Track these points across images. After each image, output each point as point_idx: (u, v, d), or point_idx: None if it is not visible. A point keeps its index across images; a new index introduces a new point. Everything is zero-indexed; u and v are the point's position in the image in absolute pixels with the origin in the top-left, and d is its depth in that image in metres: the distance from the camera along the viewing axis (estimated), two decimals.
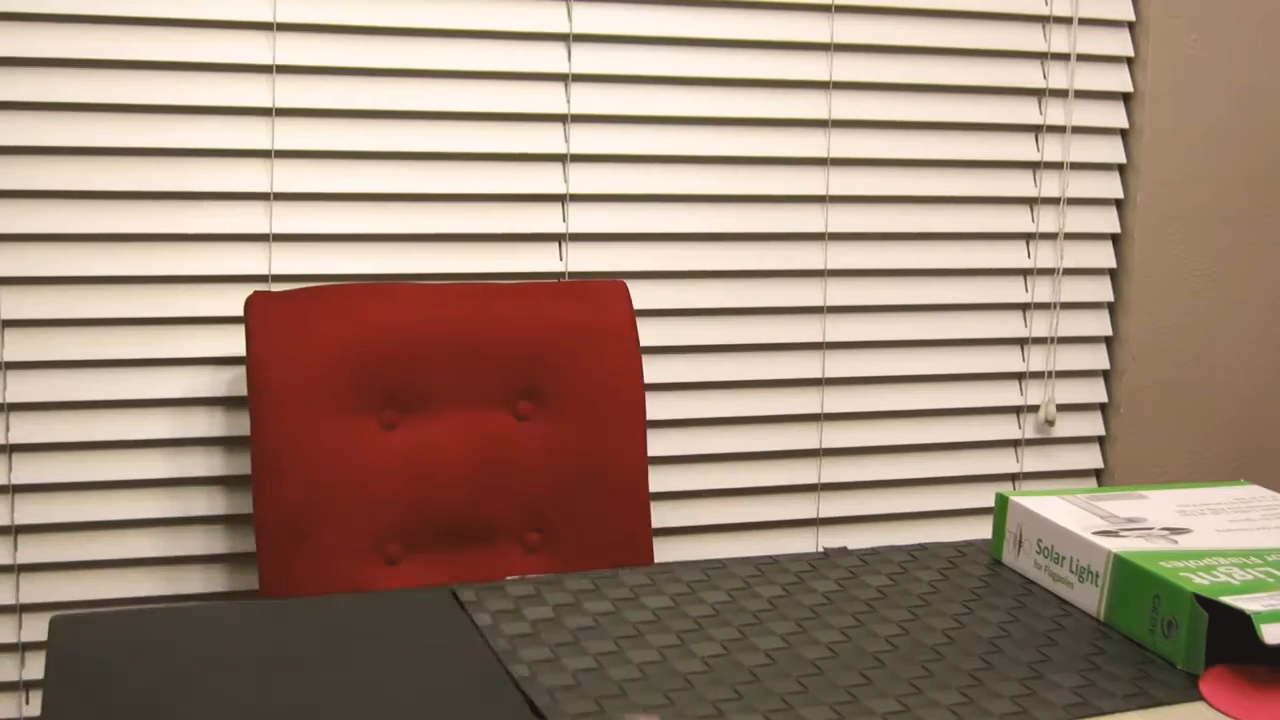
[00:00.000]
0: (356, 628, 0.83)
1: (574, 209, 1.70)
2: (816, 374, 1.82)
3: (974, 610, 0.84)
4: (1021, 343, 1.93)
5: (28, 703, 1.59)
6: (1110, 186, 1.93)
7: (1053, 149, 1.89)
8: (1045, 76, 1.87)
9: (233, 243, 1.59)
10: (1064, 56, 1.88)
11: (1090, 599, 0.84)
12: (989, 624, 0.82)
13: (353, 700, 0.72)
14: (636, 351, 1.53)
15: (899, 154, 1.82)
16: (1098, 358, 1.96)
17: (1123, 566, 0.81)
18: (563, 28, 1.66)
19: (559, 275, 1.70)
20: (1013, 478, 1.95)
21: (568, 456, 1.51)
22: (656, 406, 1.75)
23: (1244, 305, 1.99)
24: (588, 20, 1.67)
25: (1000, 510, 0.93)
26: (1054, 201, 1.90)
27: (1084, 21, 1.88)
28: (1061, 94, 1.88)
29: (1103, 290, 1.95)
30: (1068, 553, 0.86)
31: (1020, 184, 1.89)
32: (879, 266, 1.83)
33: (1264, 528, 0.89)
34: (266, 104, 1.57)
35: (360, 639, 0.81)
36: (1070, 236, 1.92)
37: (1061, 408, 1.95)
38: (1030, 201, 1.90)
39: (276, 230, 1.59)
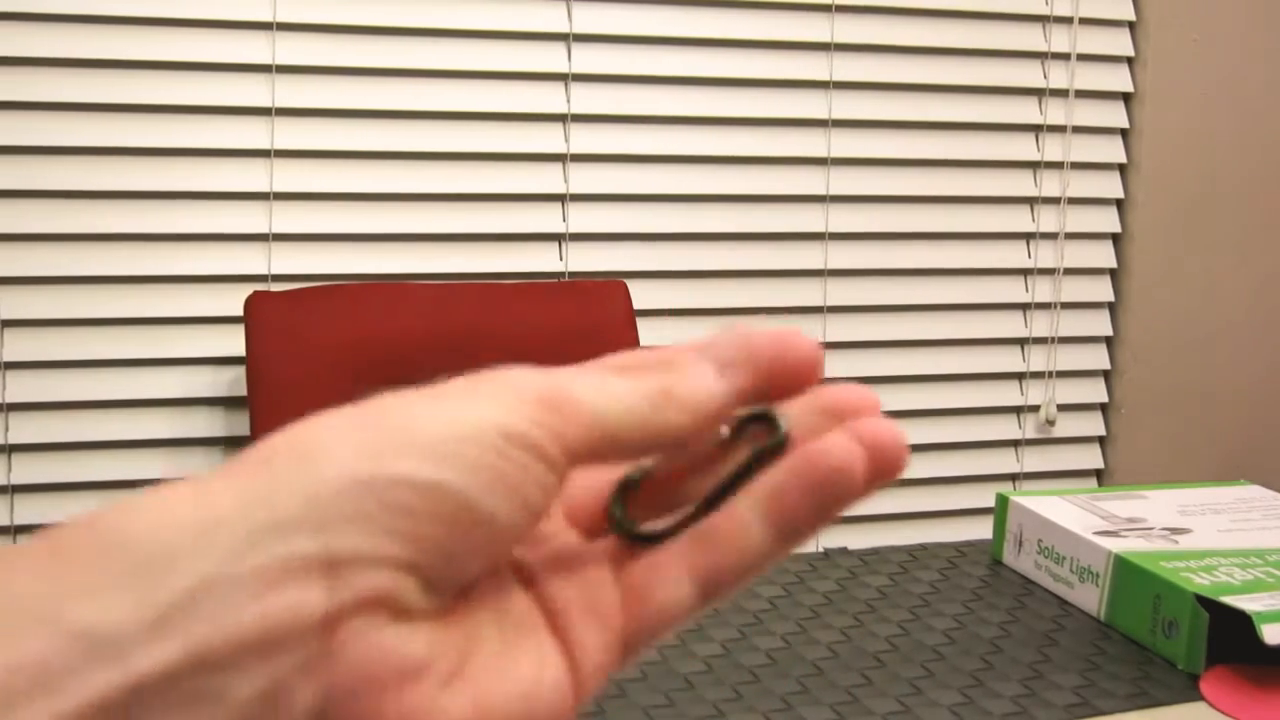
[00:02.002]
0: None
1: (574, 209, 1.70)
2: None
3: (974, 610, 0.84)
4: (1022, 343, 1.92)
5: None
6: (1110, 186, 1.93)
7: (1053, 149, 1.89)
8: (1045, 76, 1.87)
9: (233, 243, 1.59)
10: (1064, 56, 1.87)
11: (1091, 599, 0.84)
12: (989, 624, 0.82)
13: None
14: None
15: (899, 154, 1.81)
16: (1098, 358, 1.96)
17: (1123, 567, 0.81)
18: (563, 28, 1.66)
19: (559, 275, 1.70)
20: (1013, 478, 1.94)
21: None
22: None
23: (1244, 305, 1.99)
24: (588, 20, 1.67)
25: (1000, 510, 0.93)
26: (1054, 201, 1.90)
27: (1084, 21, 1.88)
28: (1062, 94, 1.88)
29: (1103, 290, 1.95)
30: (1068, 553, 0.86)
31: (1020, 184, 1.89)
32: (879, 266, 1.83)
33: (1264, 528, 0.89)
34: (266, 104, 1.57)
35: None
36: (1070, 236, 1.91)
37: (1062, 408, 1.95)
38: (1030, 201, 1.90)
39: (276, 230, 1.59)
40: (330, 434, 0.28)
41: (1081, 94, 1.89)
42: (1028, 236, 1.91)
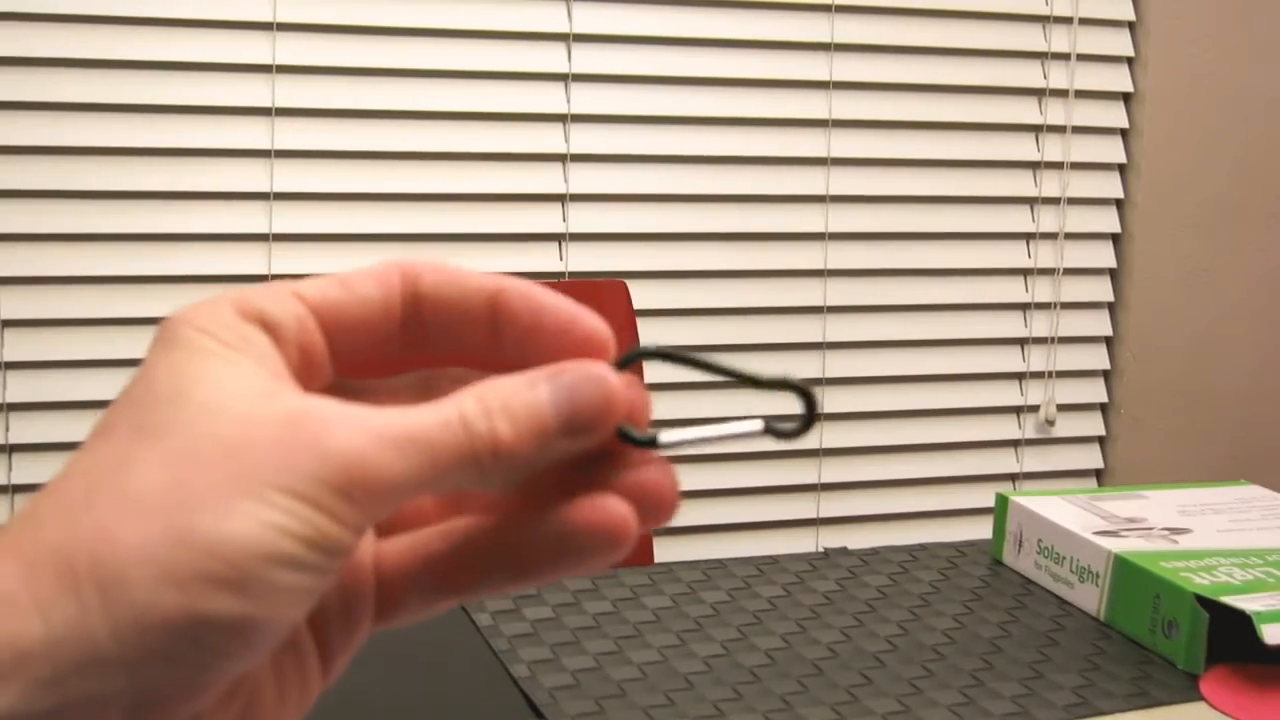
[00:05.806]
0: None
1: (574, 209, 1.70)
2: (816, 374, 1.82)
3: (974, 610, 0.84)
4: (1022, 343, 1.93)
5: None
6: (1110, 186, 1.93)
7: (1053, 149, 1.89)
8: (1045, 76, 1.87)
9: (233, 243, 1.59)
10: (1064, 56, 1.87)
11: (1090, 599, 0.84)
12: (989, 624, 0.82)
13: (351, 699, 0.72)
14: None
15: (899, 154, 1.81)
16: (1098, 358, 1.96)
17: (1123, 566, 0.81)
18: (563, 28, 1.66)
19: (559, 275, 1.70)
20: (1013, 478, 1.94)
21: None
22: (656, 406, 1.75)
23: (1244, 305, 1.99)
24: (588, 20, 1.67)
25: (1000, 510, 0.93)
26: (1054, 201, 1.90)
27: (1084, 21, 1.87)
28: (1062, 94, 1.88)
29: (1103, 290, 1.95)
30: (1068, 553, 0.86)
31: (1020, 184, 1.89)
32: (879, 266, 1.83)
33: (1264, 528, 0.89)
34: (266, 104, 1.57)
35: None
36: (1070, 236, 1.91)
37: (1061, 408, 1.95)
38: (1030, 201, 1.90)
39: (276, 230, 1.59)
40: (130, 550, 0.26)
41: (1081, 94, 1.89)
42: (1028, 236, 1.91)
